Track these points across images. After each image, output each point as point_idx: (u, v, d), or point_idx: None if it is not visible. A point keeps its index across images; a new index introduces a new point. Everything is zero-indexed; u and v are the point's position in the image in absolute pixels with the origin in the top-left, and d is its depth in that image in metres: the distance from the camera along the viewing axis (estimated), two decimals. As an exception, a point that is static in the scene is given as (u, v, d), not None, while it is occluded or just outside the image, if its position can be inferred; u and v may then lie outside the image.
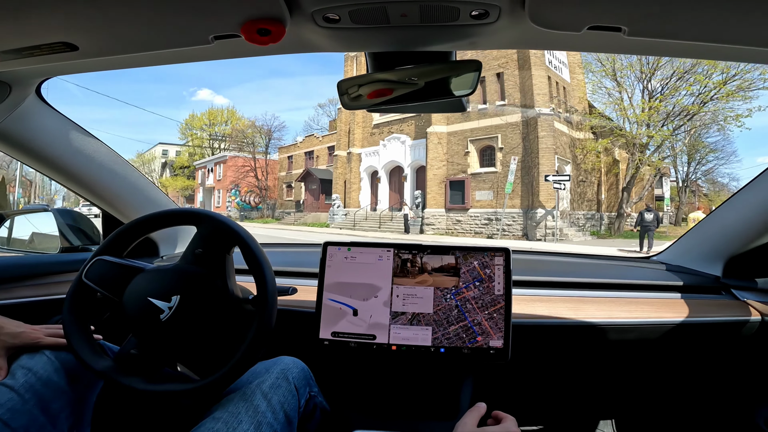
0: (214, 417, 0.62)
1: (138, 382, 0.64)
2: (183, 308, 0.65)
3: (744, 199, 0.97)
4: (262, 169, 26.16)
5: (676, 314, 0.94)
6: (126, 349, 0.67)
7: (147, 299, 0.65)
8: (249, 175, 26.09)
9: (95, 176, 1.01)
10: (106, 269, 0.70)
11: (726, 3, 0.46)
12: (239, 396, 0.66)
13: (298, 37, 0.61)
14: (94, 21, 0.55)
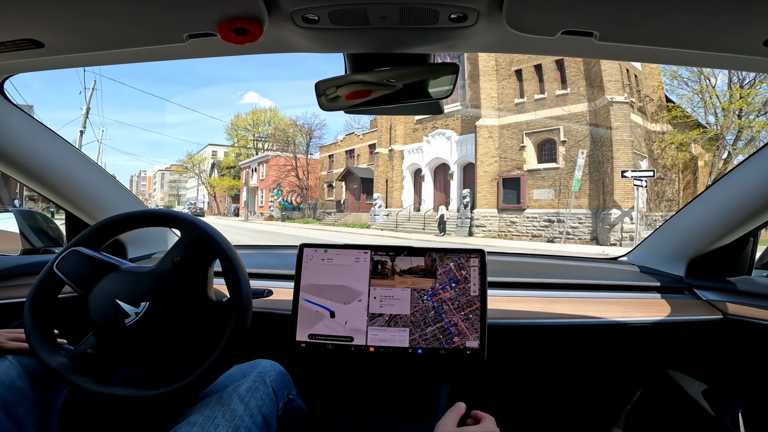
0: (190, 421, 0.61)
1: (90, 383, 0.62)
2: (150, 316, 0.63)
3: (705, 202, 1.01)
4: (303, 169, 25.57)
5: (642, 314, 0.97)
6: (82, 348, 0.65)
7: (115, 300, 0.63)
8: (290, 174, 25.53)
9: (60, 176, 0.97)
10: (80, 262, 0.67)
11: (692, 10, 0.48)
12: (215, 400, 0.65)
13: (275, 37, 0.61)
14: (61, 17, 0.54)
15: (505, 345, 0.93)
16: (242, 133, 32.92)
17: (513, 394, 1.13)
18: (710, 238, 1.01)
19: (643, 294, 1.07)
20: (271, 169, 26.73)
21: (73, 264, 0.67)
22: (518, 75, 13.72)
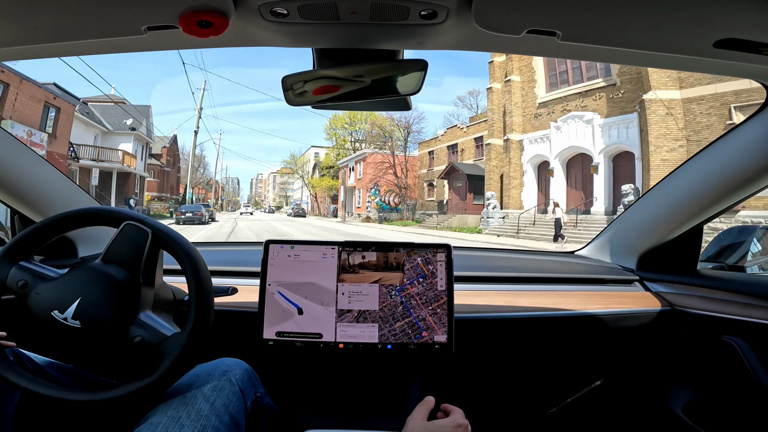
0: (152, 422, 0.59)
1: (64, 393, 0.60)
2: (84, 312, 0.60)
3: (655, 198, 1.04)
4: (401, 166, 23.43)
5: (597, 306, 1.01)
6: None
7: (50, 314, 0.60)
8: (388, 172, 23.57)
9: (6, 170, 0.92)
10: (9, 274, 0.64)
11: (647, 12, 0.51)
12: (179, 400, 0.63)
13: (241, 31, 0.60)
14: (10, 8, 0.52)
15: (471, 338, 0.95)
16: (340, 133, 32.31)
17: (481, 387, 1.16)
18: (659, 232, 1.05)
19: (598, 286, 1.10)
20: (368, 168, 25.08)
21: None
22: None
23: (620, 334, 1.05)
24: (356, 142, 31.46)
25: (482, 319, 0.95)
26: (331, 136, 33.10)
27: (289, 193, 67.76)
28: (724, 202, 0.91)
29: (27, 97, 13.00)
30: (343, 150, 32.15)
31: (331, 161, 33.99)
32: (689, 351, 0.99)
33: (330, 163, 34.06)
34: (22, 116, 12.80)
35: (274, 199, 74.27)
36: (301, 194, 49.38)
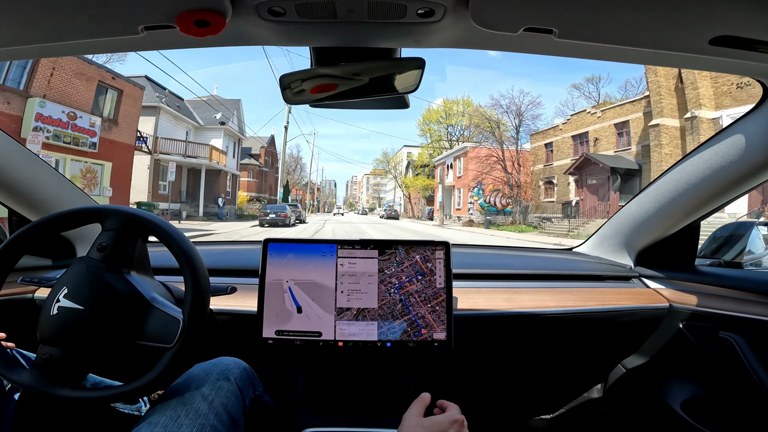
0: (151, 422, 0.59)
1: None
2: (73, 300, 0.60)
3: (652, 194, 1.04)
4: (513, 161, 20.19)
5: (595, 302, 1.02)
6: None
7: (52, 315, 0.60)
8: (495, 167, 20.36)
9: (2, 170, 0.91)
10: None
11: (642, 9, 0.51)
12: (177, 400, 0.63)
13: (238, 30, 0.60)
14: (4, 8, 0.51)
15: (470, 336, 0.95)
16: (434, 128, 29.71)
17: (480, 384, 1.16)
18: (657, 228, 1.06)
19: (596, 283, 1.11)
20: (470, 163, 21.91)
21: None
22: None
23: (618, 330, 1.05)
24: (452, 137, 28.83)
25: (481, 317, 0.95)
26: (424, 132, 30.63)
27: (381, 194, 67.04)
28: (721, 198, 0.91)
29: (70, 73, 10.73)
30: (439, 146, 29.68)
31: (425, 159, 31.56)
32: (687, 347, 0.99)
33: (424, 161, 31.60)
34: (62, 95, 10.53)
35: (367, 200, 74.66)
36: (393, 195, 47.41)
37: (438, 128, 29.62)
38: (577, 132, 17.52)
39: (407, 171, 36.15)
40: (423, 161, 32.03)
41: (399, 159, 39.18)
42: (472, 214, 21.60)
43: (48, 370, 0.59)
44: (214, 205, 19.06)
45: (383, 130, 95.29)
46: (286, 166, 38.68)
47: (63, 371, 0.60)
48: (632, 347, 1.10)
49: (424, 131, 30.74)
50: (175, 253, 0.63)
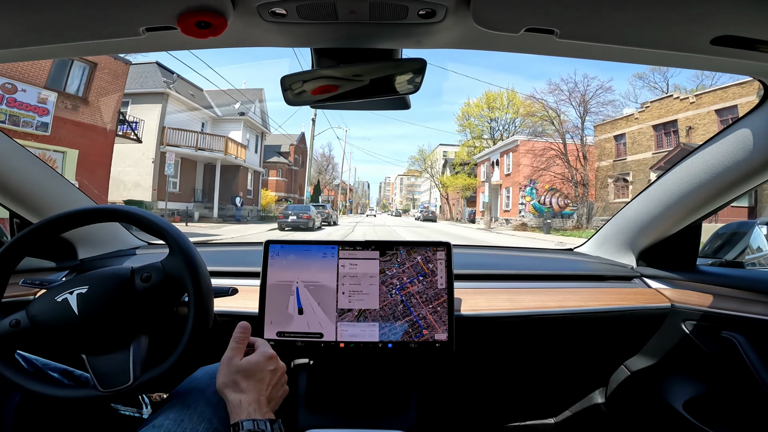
0: (155, 425, 0.59)
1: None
2: (89, 298, 0.61)
3: (653, 194, 1.04)
4: (576, 155, 16.95)
5: (597, 302, 1.02)
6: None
7: (55, 299, 0.61)
8: (555, 163, 17.24)
9: (2, 172, 0.91)
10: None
11: (643, 9, 0.51)
12: (181, 403, 0.63)
13: (240, 31, 0.60)
14: (6, 10, 0.52)
15: (472, 337, 0.95)
16: (475, 122, 26.74)
17: (481, 384, 1.16)
18: (658, 228, 1.06)
19: (598, 283, 1.11)
20: (521, 159, 18.65)
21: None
22: None
23: (620, 331, 1.05)
24: (497, 132, 25.67)
25: (482, 317, 0.95)
26: (464, 127, 27.52)
27: (415, 195, 65.55)
28: (722, 197, 0.91)
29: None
30: (479, 143, 26.87)
31: (465, 156, 28.41)
32: (689, 347, 0.99)
33: (465, 158, 28.49)
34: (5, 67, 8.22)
35: (401, 201, 73.30)
36: (429, 196, 45.12)
37: (479, 122, 26.72)
38: (661, 121, 14.76)
39: (444, 170, 33.15)
40: (463, 158, 28.94)
41: (435, 158, 36.24)
42: (523, 216, 18.57)
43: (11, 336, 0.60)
44: (232, 206, 17.13)
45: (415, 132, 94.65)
46: (318, 165, 36.63)
47: (22, 342, 0.61)
48: (634, 348, 1.10)
49: (464, 126, 27.69)
50: (176, 255, 0.63)
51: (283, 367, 0.63)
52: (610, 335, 1.07)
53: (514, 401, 1.22)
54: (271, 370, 0.60)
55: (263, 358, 0.60)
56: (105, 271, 0.66)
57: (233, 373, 0.58)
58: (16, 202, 0.97)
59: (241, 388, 0.57)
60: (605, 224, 1.28)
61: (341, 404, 0.86)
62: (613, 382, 1.16)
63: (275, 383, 0.61)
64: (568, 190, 17.67)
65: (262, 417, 0.55)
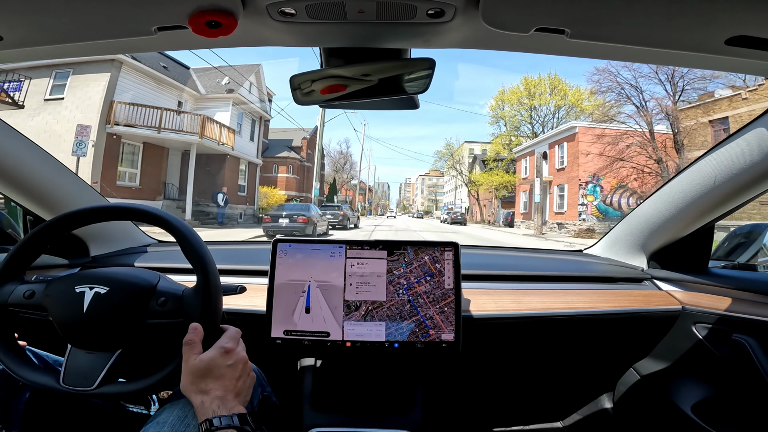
0: (159, 422, 0.59)
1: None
2: (103, 300, 0.62)
3: (665, 196, 1.03)
4: (659, 145, 13.55)
5: (606, 304, 1.01)
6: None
7: (74, 289, 0.62)
8: (636, 153, 13.68)
9: (17, 170, 0.92)
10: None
11: (657, 8, 0.50)
12: (186, 400, 0.62)
13: (250, 31, 0.60)
14: (22, 9, 0.52)
15: (478, 338, 0.94)
16: (513, 111, 23.28)
17: (488, 385, 1.15)
18: (670, 230, 1.04)
19: (607, 285, 1.10)
20: (579, 148, 15.18)
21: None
22: None
23: (629, 333, 1.04)
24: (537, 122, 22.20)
25: (489, 318, 0.95)
26: (497, 117, 24.22)
27: (438, 196, 63.23)
28: (736, 199, 0.90)
29: None
30: (516, 135, 23.78)
31: (500, 148, 24.82)
32: (699, 350, 0.98)
33: (500, 151, 24.78)
34: None
35: (422, 203, 71.42)
36: (454, 196, 41.78)
37: (517, 111, 23.03)
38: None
39: (473, 167, 29.89)
40: (498, 151, 25.17)
41: (461, 154, 32.45)
42: (584, 220, 15.17)
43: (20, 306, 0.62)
44: (214, 204, 13.99)
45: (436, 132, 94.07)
46: (334, 162, 33.83)
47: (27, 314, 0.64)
48: (643, 350, 1.09)
49: (497, 117, 24.21)
50: (188, 252, 0.64)
51: (243, 358, 0.61)
52: (618, 338, 1.06)
53: (520, 403, 1.21)
54: (229, 365, 0.58)
55: (218, 354, 0.58)
56: (131, 277, 0.66)
57: (189, 375, 0.56)
58: (30, 199, 0.98)
59: (201, 389, 0.55)
60: (615, 225, 1.27)
61: (346, 403, 0.87)
62: (621, 385, 1.15)
63: (238, 376, 0.59)
64: (646, 188, 13.72)
65: (228, 413, 0.54)
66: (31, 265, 0.68)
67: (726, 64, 0.64)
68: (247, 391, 0.60)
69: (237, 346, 0.61)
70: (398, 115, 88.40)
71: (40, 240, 0.67)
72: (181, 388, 0.57)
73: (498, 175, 24.53)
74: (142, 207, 0.67)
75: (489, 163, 26.21)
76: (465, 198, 33.91)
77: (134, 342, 0.63)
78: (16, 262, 0.66)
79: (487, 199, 27.77)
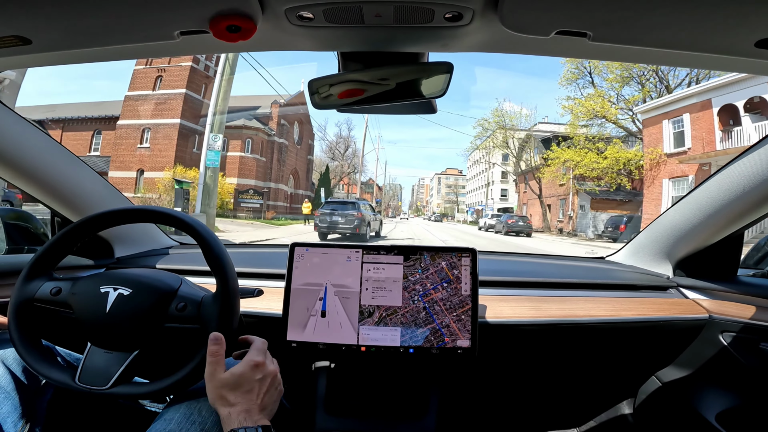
0: (166, 419, 0.60)
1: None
2: (126, 301, 0.64)
3: (692, 202, 1.00)
4: None
5: (629, 312, 0.98)
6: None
7: (99, 289, 0.64)
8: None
9: (47, 173, 0.95)
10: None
11: (685, 11, 0.49)
12: (191, 396, 0.64)
13: (269, 35, 0.61)
14: (50, 14, 0.54)
15: (495, 344, 0.94)
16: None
17: (505, 394, 1.14)
18: (697, 237, 1.02)
19: (630, 293, 1.08)
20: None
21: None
22: None
23: (653, 341, 1.03)
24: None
25: (506, 325, 0.93)
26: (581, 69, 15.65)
27: (460, 197, 56.57)
28: (766, 206, 0.87)
29: None
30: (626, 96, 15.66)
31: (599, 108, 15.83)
32: (725, 358, 0.96)
33: (599, 111, 15.79)
34: None
35: (438, 204, 65.18)
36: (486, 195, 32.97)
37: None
38: None
39: (521, 153, 21.93)
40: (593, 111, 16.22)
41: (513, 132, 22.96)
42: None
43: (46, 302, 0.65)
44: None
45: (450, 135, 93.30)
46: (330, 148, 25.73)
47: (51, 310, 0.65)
48: (667, 359, 1.07)
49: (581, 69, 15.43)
50: (208, 256, 0.65)
51: (272, 372, 0.61)
52: (642, 346, 1.04)
53: (536, 409, 1.20)
54: (258, 380, 0.58)
55: (248, 368, 0.58)
56: (154, 280, 0.67)
57: (218, 388, 0.56)
58: (58, 201, 1.01)
59: (230, 402, 0.56)
60: (640, 232, 1.24)
61: (360, 407, 0.87)
62: (642, 392, 1.13)
63: (266, 390, 0.59)
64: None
65: (254, 425, 0.54)
66: (59, 263, 0.70)
67: (755, 67, 0.62)
68: (273, 404, 0.61)
69: (266, 359, 0.61)
70: (410, 116, 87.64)
71: (69, 239, 0.69)
72: (209, 400, 0.57)
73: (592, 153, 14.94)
74: (167, 210, 0.69)
75: (575, 136, 16.76)
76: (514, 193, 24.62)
77: (151, 344, 0.64)
78: (45, 259, 0.68)
79: (555, 195, 18.83)
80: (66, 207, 1.03)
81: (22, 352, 0.62)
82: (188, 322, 0.64)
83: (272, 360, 0.63)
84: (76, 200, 1.03)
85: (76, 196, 1.03)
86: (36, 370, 0.62)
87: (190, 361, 0.61)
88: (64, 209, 1.04)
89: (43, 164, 0.93)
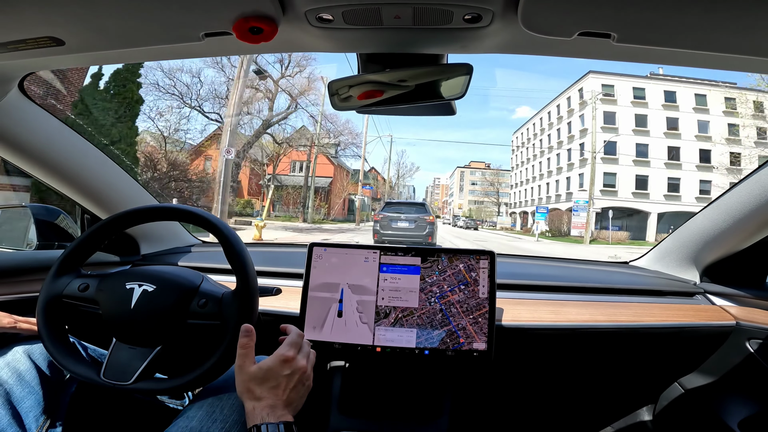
0: (188, 416, 0.61)
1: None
2: (150, 298, 0.65)
3: (720, 207, 0.98)
4: None
5: (654, 318, 0.96)
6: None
7: (125, 286, 0.66)
8: None
9: (78, 172, 0.99)
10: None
11: (715, 11, 0.47)
12: (215, 396, 0.64)
13: (290, 37, 0.62)
14: (82, 16, 0.55)
15: (512, 348, 0.93)
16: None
17: (522, 398, 1.13)
18: (726, 243, 1.00)
19: (655, 298, 1.06)
20: None
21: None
22: None
23: (677, 348, 1.01)
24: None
25: (524, 329, 0.92)
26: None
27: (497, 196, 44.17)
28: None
29: None
30: None
31: None
32: (751, 365, 0.94)
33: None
34: None
35: (460, 206, 52.53)
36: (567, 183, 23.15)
37: None
38: None
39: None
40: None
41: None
42: None
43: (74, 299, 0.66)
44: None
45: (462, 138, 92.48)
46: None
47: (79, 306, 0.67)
48: (691, 365, 1.05)
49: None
50: (230, 254, 0.66)
51: (302, 368, 0.60)
52: (665, 352, 1.02)
53: (552, 414, 1.19)
54: (286, 375, 0.58)
55: (277, 363, 0.58)
56: (177, 277, 0.69)
57: (246, 381, 0.57)
58: (88, 199, 1.05)
59: (256, 395, 0.56)
60: (666, 237, 1.21)
61: (374, 408, 0.87)
62: (663, 399, 1.11)
63: (294, 386, 0.58)
64: None
65: (276, 420, 0.54)
66: (87, 260, 0.72)
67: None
68: (299, 400, 0.60)
69: (297, 354, 0.61)
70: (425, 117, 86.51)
71: (97, 236, 0.71)
72: (237, 392, 0.58)
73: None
74: (192, 209, 0.70)
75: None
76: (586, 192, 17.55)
77: (173, 340, 0.65)
78: (74, 256, 0.70)
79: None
80: (95, 204, 1.06)
81: (50, 348, 0.63)
82: (209, 318, 0.65)
83: (306, 354, 0.63)
84: (105, 198, 1.06)
85: (105, 194, 1.05)
86: (63, 366, 0.63)
87: (210, 357, 0.62)
88: (93, 206, 1.07)
89: (74, 163, 0.96)
